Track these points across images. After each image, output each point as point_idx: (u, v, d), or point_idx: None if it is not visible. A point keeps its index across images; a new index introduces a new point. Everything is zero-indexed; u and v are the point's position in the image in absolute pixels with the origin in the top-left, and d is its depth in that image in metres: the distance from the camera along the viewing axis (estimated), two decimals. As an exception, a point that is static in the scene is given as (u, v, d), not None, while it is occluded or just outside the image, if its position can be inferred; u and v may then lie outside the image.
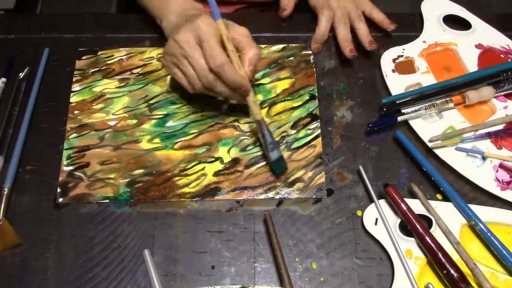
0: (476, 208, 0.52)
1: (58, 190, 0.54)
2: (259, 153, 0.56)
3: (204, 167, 0.56)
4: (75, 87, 0.60)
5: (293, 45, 0.64)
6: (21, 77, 0.61)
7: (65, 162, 0.55)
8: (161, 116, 0.59)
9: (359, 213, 0.53)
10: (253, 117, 0.55)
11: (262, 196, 0.54)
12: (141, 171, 0.55)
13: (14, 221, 0.52)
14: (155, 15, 0.61)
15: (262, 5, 0.76)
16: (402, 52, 0.63)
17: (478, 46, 0.63)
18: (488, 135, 0.56)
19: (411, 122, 0.58)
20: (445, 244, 0.50)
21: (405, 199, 0.52)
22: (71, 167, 0.55)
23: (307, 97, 0.60)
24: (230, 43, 0.52)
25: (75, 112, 0.59)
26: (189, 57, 0.50)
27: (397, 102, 0.58)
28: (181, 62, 0.51)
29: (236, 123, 0.58)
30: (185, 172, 0.55)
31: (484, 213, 0.52)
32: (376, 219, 0.52)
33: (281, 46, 0.64)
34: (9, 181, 0.54)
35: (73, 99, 0.60)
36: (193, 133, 0.58)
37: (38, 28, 0.65)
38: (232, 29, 0.53)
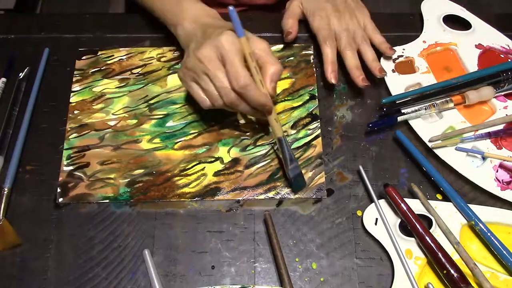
0: (476, 208, 0.52)
1: (58, 190, 0.54)
2: (259, 153, 0.56)
3: (204, 167, 0.56)
4: (75, 87, 0.60)
5: (293, 45, 0.64)
6: (21, 77, 0.61)
7: (65, 162, 0.55)
8: (161, 116, 0.59)
9: (359, 213, 0.53)
10: (274, 135, 0.54)
11: (262, 196, 0.54)
12: (141, 171, 0.55)
13: (14, 221, 0.52)
14: (167, 22, 0.59)
15: (261, 8, 0.76)
16: (402, 52, 0.63)
17: (478, 46, 0.63)
18: (488, 135, 0.56)
19: (411, 122, 0.58)
20: (445, 244, 0.50)
21: (405, 199, 0.52)
22: (71, 167, 0.55)
23: (307, 97, 0.60)
24: (254, 61, 0.49)
25: (75, 112, 0.59)
26: (212, 75, 0.49)
27: (397, 102, 0.58)
28: (202, 78, 0.50)
29: (236, 123, 0.58)
30: (185, 172, 0.55)
31: (484, 213, 0.52)
32: (376, 219, 0.52)
33: (281, 46, 0.64)
34: (9, 181, 0.54)
35: (73, 99, 0.60)
36: (193, 133, 0.58)
37: (38, 28, 0.65)
38: (252, 44, 0.51)
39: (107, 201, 0.53)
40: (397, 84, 0.60)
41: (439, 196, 0.54)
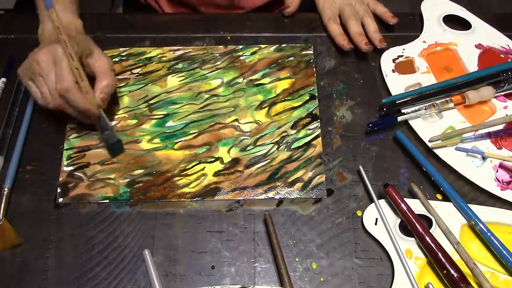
0: (476, 208, 0.52)
1: (58, 190, 0.54)
2: (259, 153, 0.56)
3: (204, 167, 0.56)
4: (75, 87, 0.60)
5: (293, 45, 0.64)
6: (21, 77, 0.61)
7: (65, 163, 0.55)
8: (161, 116, 0.59)
9: (359, 213, 0.53)
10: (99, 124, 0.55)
11: (262, 196, 0.54)
12: (141, 171, 0.55)
13: (14, 221, 0.52)
14: (39, 12, 0.61)
15: (257, 10, 0.76)
16: (402, 52, 0.63)
17: (478, 46, 0.63)
18: (488, 135, 0.56)
19: (411, 122, 0.58)
20: (445, 244, 0.50)
21: (405, 199, 0.52)
22: (71, 167, 0.55)
23: (307, 97, 0.60)
24: (76, 59, 0.50)
25: (75, 112, 0.59)
26: (44, 76, 0.51)
27: (397, 102, 0.58)
28: (37, 79, 0.51)
29: (236, 123, 0.58)
30: (185, 172, 0.55)
31: (484, 213, 0.52)
32: (376, 219, 0.52)
33: (281, 46, 0.64)
34: (9, 181, 0.54)
35: (73, 99, 0.60)
36: (193, 133, 0.58)
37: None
38: (94, 60, 0.53)
39: (107, 201, 0.53)
40: (397, 84, 0.60)
41: (439, 196, 0.54)
